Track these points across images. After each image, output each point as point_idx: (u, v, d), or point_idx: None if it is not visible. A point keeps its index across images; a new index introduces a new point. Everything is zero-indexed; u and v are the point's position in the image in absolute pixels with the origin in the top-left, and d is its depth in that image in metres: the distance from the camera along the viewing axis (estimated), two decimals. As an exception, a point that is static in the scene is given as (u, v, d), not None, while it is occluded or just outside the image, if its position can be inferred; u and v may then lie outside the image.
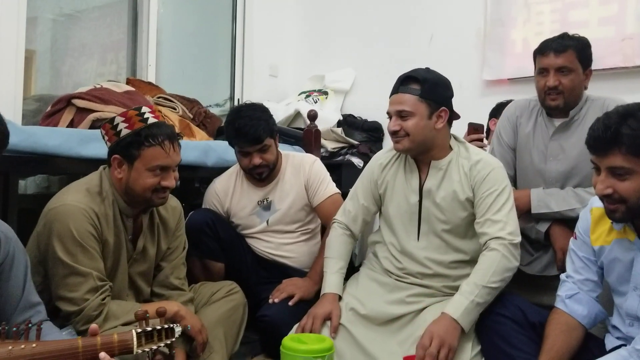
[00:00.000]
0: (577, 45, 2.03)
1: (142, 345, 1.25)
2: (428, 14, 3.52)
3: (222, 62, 3.84)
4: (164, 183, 1.68)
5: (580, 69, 2.03)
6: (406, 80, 1.86)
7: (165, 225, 1.87)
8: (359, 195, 2.05)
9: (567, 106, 2.06)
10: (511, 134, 2.21)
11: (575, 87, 2.03)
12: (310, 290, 2.13)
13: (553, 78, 2.02)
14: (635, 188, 1.36)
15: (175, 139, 1.71)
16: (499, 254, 1.73)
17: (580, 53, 2.02)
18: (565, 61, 2.01)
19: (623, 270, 1.52)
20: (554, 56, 2.02)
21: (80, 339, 1.22)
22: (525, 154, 2.17)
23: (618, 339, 1.55)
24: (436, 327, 1.67)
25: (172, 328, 1.30)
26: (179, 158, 1.73)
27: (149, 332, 1.27)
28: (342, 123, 3.52)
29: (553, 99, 2.04)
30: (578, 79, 2.03)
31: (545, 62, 2.04)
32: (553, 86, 2.02)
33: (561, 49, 2.01)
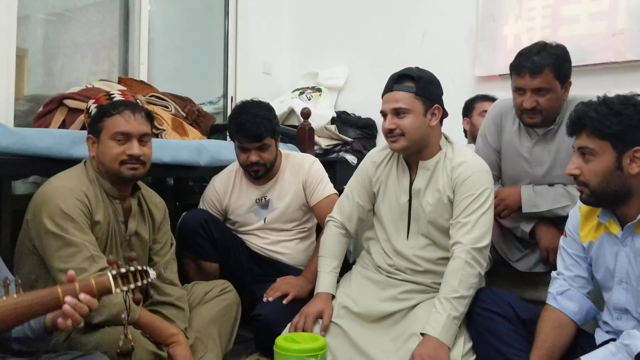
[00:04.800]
0: (555, 62, 1.92)
1: (119, 285, 1.27)
2: (420, 11, 3.52)
3: (215, 59, 3.83)
4: (128, 152, 1.68)
5: (559, 85, 1.94)
6: (400, 78, 1.87)
7: (152, 216, 1.88)
8: (354, 193, 2.06)
9: (545, 122, 2.00)
10: (495, 136, 2.17)
11: (553, 105, 1.96)
12: (305, 289, 2.15)
13: (530, 100, 1.94)
14: (596, 171, 1.45)
15: (137, 109, 1.72)
16: (461, 262, 1.75)
17: (558, 70, 1.92)
18: (542, 82, 1.92)
19: (609, 265, 1.54)
20: (529, 78, 1.92)
21: (59, 286, 1.23)
22: (509, 157, 2.13)
23: (608, 332, 1.57)
24: (424, 349, 1.68)
25: (146, 270, 1.33)
26: (143, 128, 1.72)
27: (124, 273, 1.29)
28: (335, 120, 3.53)
29: (531, 117, 1.98)
30: (556, 96, 1.95)
31: (521, 83, 1.96)
32: (530, 108, 1.95)
33: (537, 70, 1.91)
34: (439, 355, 1.66)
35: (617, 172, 1.44)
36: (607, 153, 1.44)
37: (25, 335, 1.32)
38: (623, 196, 1.46)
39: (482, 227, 1.79)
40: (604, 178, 1.44)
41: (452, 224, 1.84)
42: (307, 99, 3.57)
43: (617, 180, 1.44)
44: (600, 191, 1.46)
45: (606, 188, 1.45)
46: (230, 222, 2.40)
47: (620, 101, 1.45)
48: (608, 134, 1.43)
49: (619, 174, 1.44)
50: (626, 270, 1.50)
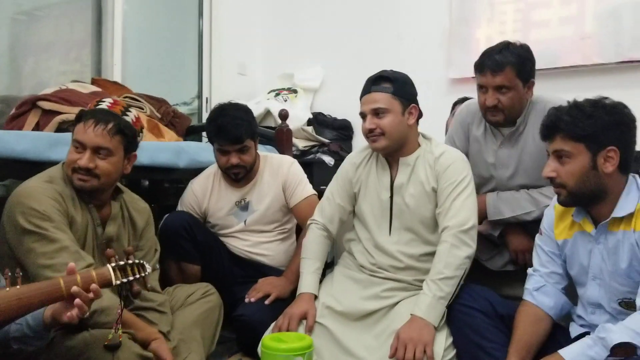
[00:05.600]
0: (516, 61, 1.96)
1: (118, 278, 1.29)
2: (395, 14, 3.57)
3: (190, 60, 3.81)
4: (78, 162, 1.66)
5: (520, 84, 1.97)
6: (377, 80, 1.93)
7: (133, 223, 1.87)
8: (335, 195, 2.09)
9: (508, 121, 2.04)
10: (463, 139, 2.23)
11: (514, 103, 1.99)
12: (286, 289, 2.16)
13: (491, 97, 1.98)
14: (572, 172, 1.51)
15: (104, 121, 1.67)
16: (448, 245, 1.81)
17: (519, 69, 1.96)
18: (504, 80, 1.95)
19: (583, 262, 1.61)
20: (491, 76, 1.96)
21: (61, 278, 1.23)
22: (476, 159, 2.18)
23: (582, 326, 1.64)
24: (408, 329, 1.73)
25: (142, 264, 1.35)
26: (99, 140, 1.66)
27: (122, 266, 1.30)
28: (312, 121, 3.55)
29: (493, 115, 2.03)
30: (518, 95, 1.98)
31: (483, 81, 2.00)
32: (492, 105, 2.00)
33: (498, 68, 1.95)
34: (422, 335, 1.70)
35: (593, 172, 1.50)
36: (582, 154, 1.50)
37: (23, 334, 1.31)
38: (598, 195, 1.52)
39: (466, 210, 1.85)
40: (581, 178, 1.50)
41: (438, 213, 1.90)
42: (283, 100, 3.58)
43: (593, 180, 1.50)
44: (577, 191, 1.52)
45: (583, 188, 1.51)
46: (209, 225, 2.39)
47: (591, 104, 1.52)
48: (582, 135, 1.49)
49: (594, 174, 1.50)
50: (599, 267, 1.57)
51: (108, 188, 1.76)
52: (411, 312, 1.78)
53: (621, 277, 1.52)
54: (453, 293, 1.79)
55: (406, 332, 1.72)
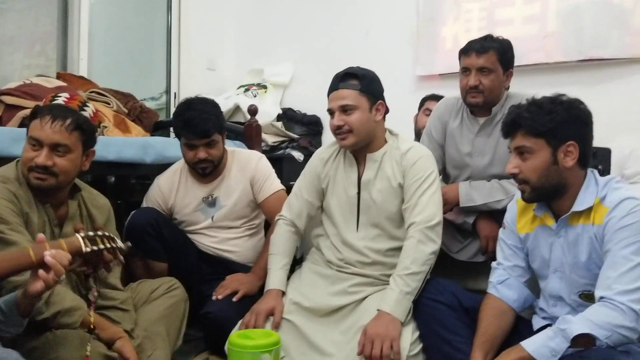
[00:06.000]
0: (499, 47, 2.10)
1: (88, 246, 1.28)
2: (364, 11, 3.60)
3: (158, 54, 3.77)
4: (36, 160, 1.60)
5: (501, 70, 2.10)
6: (345, 76, 1.94)
7: (92, 221, 1.82)
8: (303, 190, 2.09)
9: (486, 104, 2.14)
10: (440, 131, 2.30)
11: (494, 87, 2.10)
12: (254, 285, 2.15)
13: (474, 77, 2.09)
14: (534, 167, 1.55)
15: (61, 117, 1.63)
16: (415, 241, 1.84)
17: (501, 55, 2.09)
18: (486, 62, 2.08)
19: (544, 255, 1.65)
20: (475, 56, 2.09)
21: (30, 247, 1.22)
22: (452, 150, 2.26)
23: (544, 319, 1.68)
24: (375, 325, 1.74)
25: (112, 237, 1.34)
26: (57, 137, 1.61)
27: (92, 236, 1.29)
28: (281, 117, 3.56)
29: (473, 96, 2.12)
30: (498, 79, 2.10)
31: (467, 62, 2.12)
32: (473, 85, 2.09)
33: (483, 50, 2.08)
34: (388, 331, 1.72)
35: (554, 167, 1.54)
36: (543, 150, 1.54)
37: None
38: (560, 190, 1.57)
39: (432, 207, 1.88)
40: (543, 173, 1.54)
41: (405, 209, 1.92)
42: (252, 95, 3.58)
43: (555, 175, 1.55)
44: (540, 186, 1.56)
45: (545, 183, 1.55)
46: (176, 222, 2.37)
47: (549, 101, 1.56)
48: (542, 131, 1.53)
49: (555, 168, 1.54)
50: (560, 260, 1.61)
51: (66, 186, 1.71)
52: (378, 307, 1.79)
53: (581, 269, 1.57)
54: (419, 288, 1.82)
55: (373, 327, 1.73)
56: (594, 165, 2.00)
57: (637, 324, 1.41)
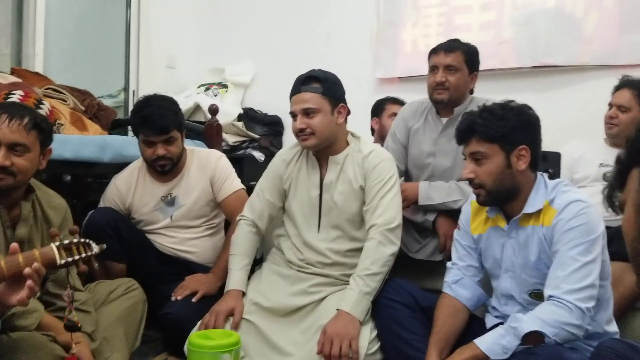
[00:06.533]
0: (466, 49, 2.24)
1: (63, 257, 1.25)
2: (325, 13, 3.63)
3: (116, 51, 3.69)
4: None
5: (467, 70, 2.23)
6: (307, 79, 1.96)
7: (48, 222, 1.78)
8: (265, 191, 2.11)
9: (451, 102, 2.24)
10: (404, 133, 2.38)
11: (460, 85, 2.22)
12: (214, 285, 2.15)
13: (441, 74, 2.20)
14: (489, 172, 1.61)
15: (18, 116, 1.59)
16: (375, 242, 1.88)
17: (468, 56, 2.23)
18: (454, 60, 2.20)
19: (496, 255, 1.71)
20: (444, 55, 2.21)
21: (2, 258, 1.19)
22: (415, 150, 2.34)
23: (496, 317, 1.74)
24: (334, 324, 1.77)
25: (88, 243, 1.32)
26: (15, 136, 1.58)
27: (67, 244, 1.27)
28: (242, 117, 3.55)
29: (439, 93, 2.22)
30: (463, 78, 2.22)
31: (435, 60, 2.23)
32: (440, 82, 2.20)
33: (451, 49, 2.21)
34: (347, 330, 1.75)
35: (508, 171, 1.60)
36: (497, 154, 1.60)
37: None
38: (513, 193, 1.63)
39: (393, 210, 1.93)
40: (497, 177, 1.60)
41: (366, 210, 1.95)
42: (213, 94, 3.55)
43: (508, 178, 1.61)
44: (495, 190, 1.62)
45: (500, 186, 1.61)
46: (134, 222, 2.34)
47: (500, 107, 1.63)
48: (496, 136, 1.59)
49: (509, 172, 1.60)
50: (511, 260, 1.67)
51: (23, 186, 1.67)
52: (338, 307, 1.82)
53: (531, 269, 1.63)
54: (378, 288, 1.85)
55: (332, 327, 1.76)
56: (545, 169, 2.10)
57: (583, 322, 1.47)
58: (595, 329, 1.56)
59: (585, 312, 1.48)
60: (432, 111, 2.33)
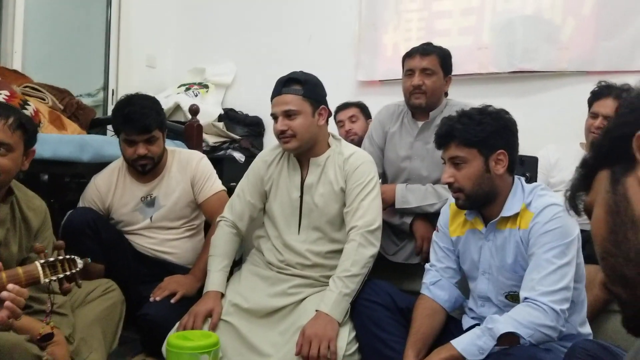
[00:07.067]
0: (440, 52, 2.25)
1: (47, 275, 1.24)
2: (307, 15, 3.63)
3: (96, 49, 3.65)
4: None
5: (442, 73, 2.24)
6: (288, 82, 1.96)
7: (27, 223, 1.76)
8: (246, 192, 2.11)
9: (428, 106, 2.26)
10: (381, 136, 2.39)
11: (436, 88, 2.24)
12: (193, 287, 2.14)
13: (417, 78, 2.21)
14: (469, 176, 1.63)
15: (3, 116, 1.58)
16: (355, 244, 1.89)
17: (442, 60, 2.24)
18: (429, 64, 2.21)
19: (474, 257, 1.74)
20: (419, 58, 2.22)
21: None
22: (391, 153, 2.35)
23: (473, 318, 1.77)
24: (313, 325, 1.78)
25: (73, 259, 1.32)
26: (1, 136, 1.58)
27: (52, 262, 1.26)
28: (223, 117, 3.53)
29: (417, 97, 2.23)
30: (439, 82, 2.24)
31: (411, 64, 2.24)
32: (417, 85, 2.21)
33: (426, 52, 2.23)
34: (326, 331, 1.76)
35: (486, 175, 1.63)
36: (476, 159, 1.63)
37: None
38: (491, 197, 1.66)
39: (373, 212, 1.94)
40: (476, 181, 1.63)
41: (346, 212, 1.96)
42: (193, 94, 3.53)
43: (487, 182, 1.63)
44: (474, 194, 1.64)
45: (479, 190, 1.64)
46: (113, 222, 2.32)
47: (478, 112, 1.66)
48: (474, 141, 1.62)
49: (488, 176, 1.63)
50: (488, 263, 1.70)
51: (4, 186, 1.66)
52: (317, 308, 1.83)
53: (507, 271, 1.66)
54: (357, 289, 1.87)
55: (311, 328, 1.77)
56: (522, 173, 2.13)
57: (557, 323, 1.51)
58: (569, 330, 1.60)
59: (560, 313, 1.51)
60: (408, 115, 2.35)
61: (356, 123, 3.08)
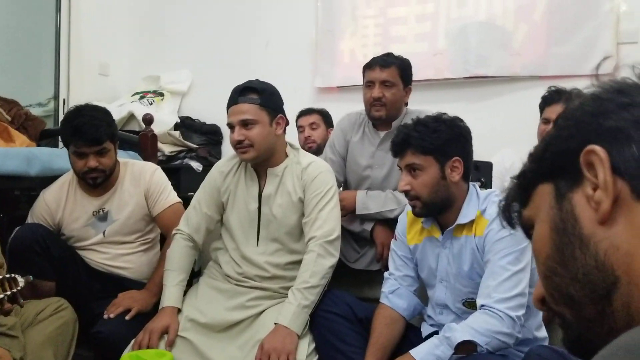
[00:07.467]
0: (400, 64, 2.25)
1: None
2: (264, 21, 3.61)
3: (46, 58, 3.53)
4: None
5: (402, 85, 2.24)
6: (244, 90, 1.93)
7: None
8: (202, 204, 2.06)
9: (389, 118, 2.27)
10: (343, 144, 2.39)
11: (396, 100, 2.24)
12: (148, 302, 2.08)
13: (377, 90, 2.21)
14: (425, 183, 1.64)
15: None
16: (314, 255, 1.87)
17: (402, 71, 2.24)
18: (389, 76, 2.21)
19: (431, 265, 1.74)
20: (379, 70, 2.22)
21: None
22: (353, 163, 2.36)
23: (432, 326, 1.78)
24: (272, 338, 1.75)
25: (14, 278, 1.27)
26: None
27: None
28: (179, 126, 3.47)
29: (377, 110, 2.24)
30: (399, 93, 2.24)
31: (371, 76, 2.23)
32: (377, 97, 2.21)
33: (386, 64, 2.22)
34: (285, 344, 1.73)
35: (443, 182, 1.64)
36: (432, 166, 1.64)
37: None
38: (448, 204, 1.67)
39: (332, 222, 1.92)
40: (433, 188, 1.64)
41: (305, 222, 1.94)
42: (148, 103, 3.46)
43: (443, 189, 1.64)
44: (430, 201, 1.65)
45: (435, 198, 1.64)
46: (64, 238, 2.24)
47: (433, 120, 1.67)
48: (430, 148, 1.62)
49: (444, 183, 1.64)
50: (446, 270, 1.71)
51: None
52: (275, 321, 1.81)
53: (464, 278, 1.68)
54: (316, 301, 1.85)
55: (270, 341, 1.74)
56: (477, 178, 2.15)
57: (514, 330, 1.52)
58: (526, 334, 1.62)
59: (516, 320, 1.52)
60: (369, 124, 2.35)
61: (316, 131, 3.06)
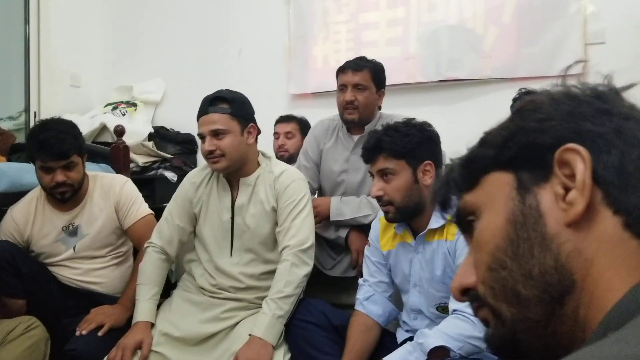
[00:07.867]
0: (373, 67, 2.27)
1: None
2: (236, 29, 3.60)
3: (15, 69, 3.48)
4: None
5: (374, 88, 2.26)
6: (214, 100, 1.91)
7: None
8: (174, 216, 2.04)
9: (362, 121, 2.27)
10: (316, 151, 2.39)
11: (369, 103, 2.25)
12: (122, 317, 2.04)
13: (350, 93, 2.22)
14: (398, 188, 1.64)
15: None
16: (288, 264, 1.86)
17: (375, 74, 2.26)
18: (361, 79, 2.23)
19: (405, 270, 1.75)
20: (352, 74, 2.23)
21: None
22: (327, 169, 2.36)
23: (407, 331, 1.78)
24: (246, 351, 1.74)
25: None
26: None
27: None
28: (153, 136, 3.44)
29: (350, 113, 2.25)
30: (372, 97, 2.26)
31: (344, 79, 2.25)
32: (350, 100, 2.22)
33: (358, 68, 2.24)
34: (260, 356, 1.72)
35: (415, 186, 1.64)
36: (404, 170, 1.64)
37: None
38: (420, 209, 1.67)
39: (305, 230, 1.91)
40: (406, 193, 1.64)
41: (278, 232, 1.93)
42: (121, 114, 3.43)
43: (416, 194, 1.65)
44: (403, 206, 1.65)
45: (408, 202, 1.64)
46: (34, 255, 2.19)
47: (404, 124, 1.68)
48: (402, 153, 1.63)
49: (416, 187, 1.65)
50: (419, 275, 1.71)
51: None
52: (250, 332, 1.79)
53: (437, 283, 1.68)
54: (291, 310, 1.84)
55: (245, 353, 1.73)
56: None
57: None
58: (499, 338, 1.62)
59: (488, 323, 1.53)
60: (343, 129, 2.36)
61: (291, 140, 3.02)
